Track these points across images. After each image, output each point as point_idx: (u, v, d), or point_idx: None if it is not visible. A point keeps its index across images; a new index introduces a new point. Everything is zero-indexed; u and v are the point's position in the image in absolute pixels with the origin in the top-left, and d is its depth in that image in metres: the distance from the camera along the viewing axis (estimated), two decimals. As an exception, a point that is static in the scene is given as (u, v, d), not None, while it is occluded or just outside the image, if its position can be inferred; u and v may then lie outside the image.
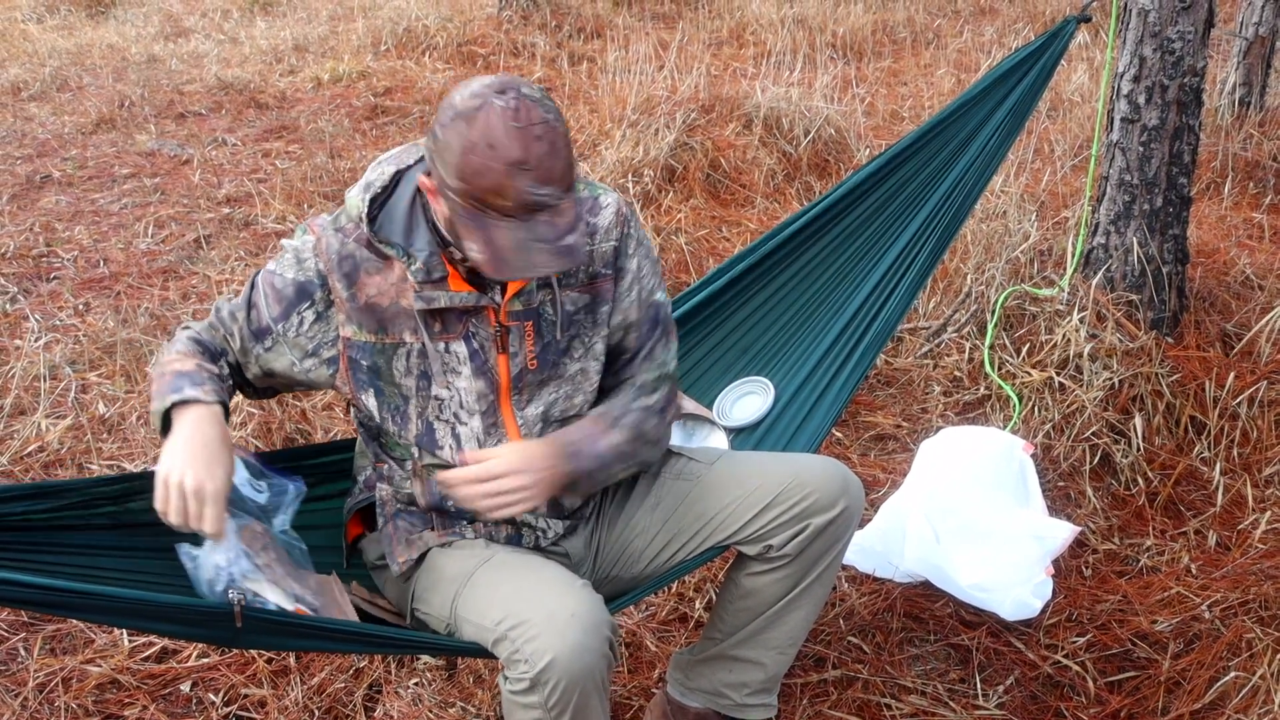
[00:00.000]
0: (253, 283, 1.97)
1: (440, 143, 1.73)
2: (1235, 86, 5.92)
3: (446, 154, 1.72)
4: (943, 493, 2.83)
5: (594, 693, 1.79)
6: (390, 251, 1.89)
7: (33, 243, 4.93)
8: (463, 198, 1.73)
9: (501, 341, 1.96)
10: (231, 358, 1.99)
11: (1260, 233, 4.78)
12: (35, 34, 8.81)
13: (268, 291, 1.94)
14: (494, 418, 1.98)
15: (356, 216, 1.90)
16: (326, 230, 1.92)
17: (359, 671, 2.61)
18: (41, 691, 2.55)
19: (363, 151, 5.98)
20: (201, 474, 1.77)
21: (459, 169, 1.71)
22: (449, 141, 1.71)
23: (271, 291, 1.94)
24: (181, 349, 1.95)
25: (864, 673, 2.63)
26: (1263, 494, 3.24)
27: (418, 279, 1.88)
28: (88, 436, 3.46)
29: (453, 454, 1.99)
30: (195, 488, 1.75)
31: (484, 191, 1.70)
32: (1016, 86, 2.82)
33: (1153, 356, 3.54)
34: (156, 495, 1.76)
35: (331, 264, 1.90)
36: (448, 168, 1.72)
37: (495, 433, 2.00)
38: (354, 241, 1.91)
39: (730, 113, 5.71)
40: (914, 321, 4.05)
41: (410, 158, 1.94)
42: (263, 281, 1.95)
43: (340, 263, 1.90)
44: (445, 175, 1.74)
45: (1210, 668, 2.60)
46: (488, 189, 1.70)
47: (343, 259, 1.90)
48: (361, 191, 1.90)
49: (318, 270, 1.91)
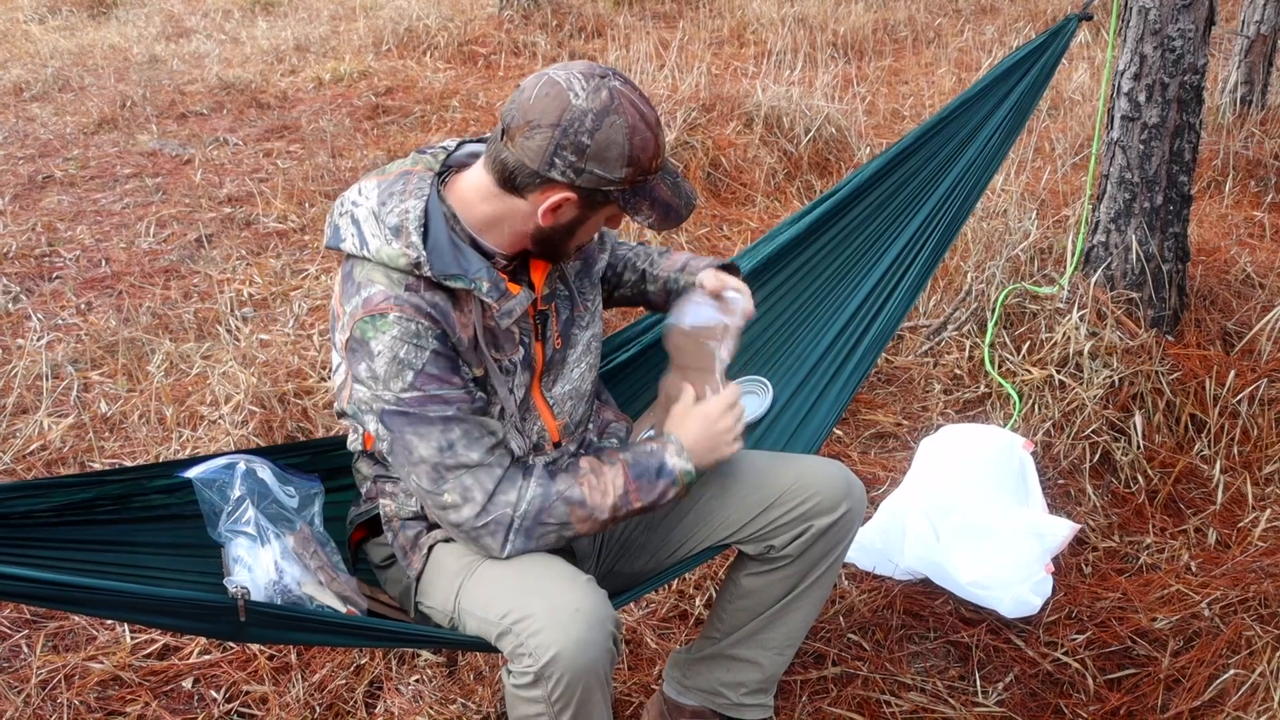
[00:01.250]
0: (416, 413, 1.80)
1: (597, 147, 1.73)
2: (1237, 85, 5.92)
3: (610, 151, 1.74)
4: (943, 491, 2.84)
5: (597, 687, 1.79)
6: (457, 284, 1.81)
7: (35, 242, 4.94)
8: (629, 181, 1.78)
9: (539, 330, 1.98)
10: (509, 446, 1.93)
11: (1261, 231, 4.79)
12: (37, 34, 8.82)
13: (437, 387, 1.81)
14: (528, 404, 1.99)
15: (409, 266, 1.79)
16: (400, 298, 1.79)
17: (360, 668, 2.62)
18: (44, 688, 2.56)
19: (364, 151, 5.99)
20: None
21: (630, 156, 1.75)
22: (610, 139, 1.73)
23: (435, 382, 1.80)
24: (583, 483, 1.91)
25: (864, 670, 2.64)
26: (1263, 492, 3.24)
27: (493, 298, 1.83)
28: (90, 435, 3.47)
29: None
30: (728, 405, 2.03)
31: (649, 160, 1.79)
32: (1018, 85, 2.82)
33: (1153, 354, 3.54)
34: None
35: (433, 316, 1.80)
36: (616, 162, 1.75)
37: (530, 418, 2.00)
38: (426, 291, 1.81)
39: (731, 111, 5.71)
40: (914, 319, 4.06)
41: (422, 188, 1.85)
42: (421, 392, 1.80)
43: (437, 312, 1.81)
44: (610, 173, 1.75)
45: (1210, 665, 2.61)
46: (651, 157, 1.79)
47: (435, 309, 1.81)
48: (394, 238, 1.79)
49: (433, 330, 1.80)
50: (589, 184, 1.76)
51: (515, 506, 1.84)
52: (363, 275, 1.82)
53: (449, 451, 1.81)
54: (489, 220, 1.85)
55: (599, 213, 1.84)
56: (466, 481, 1.82)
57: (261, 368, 3.72)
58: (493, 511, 1.84)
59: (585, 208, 1.82)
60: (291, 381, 3.66)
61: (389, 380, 1.79)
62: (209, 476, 1.96)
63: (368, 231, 1.82)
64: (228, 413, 3.47)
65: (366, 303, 1.80)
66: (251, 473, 1.99)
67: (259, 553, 1.93)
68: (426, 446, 1.81)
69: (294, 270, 4.64)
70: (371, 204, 1.83)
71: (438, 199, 1.85)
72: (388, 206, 1.82)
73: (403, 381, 1.79)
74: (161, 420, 3.53)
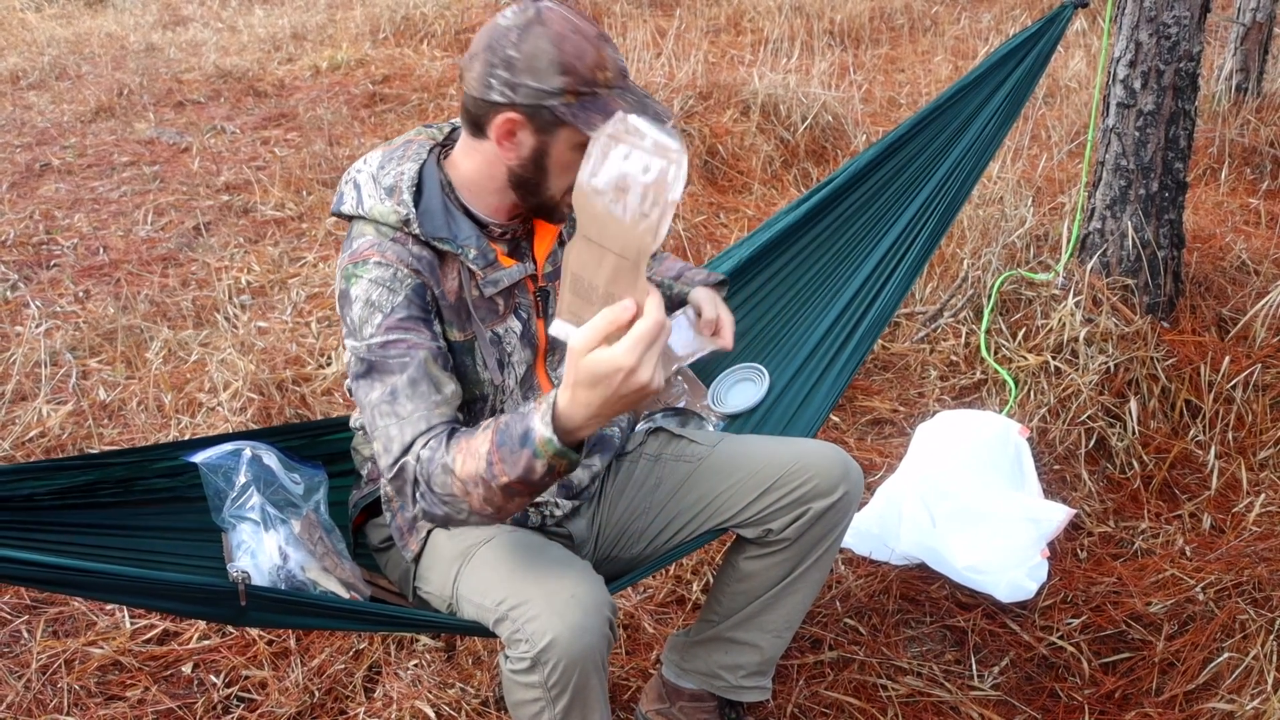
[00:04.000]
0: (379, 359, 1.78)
1: (524, 57, 1.73)
2: (1233, 72, 5.92)
3: (539, 59, 1.73)
4: (939, 476, 2.85)
5: (593, 672, 1.80)
6: (444, 246, 1.84)
7: (33, 230, 4.94)
8: (572, 92, 1.75)
9: (540, 306, 1.98)
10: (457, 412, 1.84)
11: (1256, 218, 4.80)
12: (34, 22, 8.80)
13: (403, 333, 1.78)
14: (530, 382, 2.00)
15: (399, 223, 1.82)
16: (383, 246, 1.81)
17: (359, 653, 2.63)
18: (44, 673, 2.57)
19: (361, 139, 5.99)
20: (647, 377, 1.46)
21: (560, 62, 1.73)
22: (537, 48, 1.73)
23: (403, 327, 1.79)
24: (460, 450, 1.68)
25: (860, 654, 2.65)
26: (1257, 477, 3.26)
27: (479, 266, 1.86)
28: (89, 422, 3.48)
29: None
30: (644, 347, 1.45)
31: (590, 69, 1.75)
32: (1013, 72, 2.83)
33: (1148, 341, 3.55)
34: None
35: (414, 266, 1.81)
36: (548, 70, 1.73)
37: (533, 396, 2.01)
38: (414, 245, 1.83)
39: (728, 99, 5.71)
40: (910, 306, 4.07)
41: (420, 154, 1.90)
42: (388, 337, 1.78)
43: (420, 263, 1.82)
44: (544, 83, 1.74)
45: (1204, 649, 2.62)
46: (592, 65, 1.75)
47: (419, 260, 1.82)
48: (387, 197, 1.84)
49: (411, 278, 1.80)
50: (528, 99, 1.75)
51: (420, 461, 1.72)
52: (356, 231, 1.87)
53: (389, 398, 1.76)
54: (474, 178, 1.87)
55: (556, 137, 1.79)
56: (392, 431, 1.75)
57: (260, 355, 3.73)
58: (404, 460, 1.74)
59: (539, 130, 1.79)
60: (290, 368, 3.67)
61: (361, 327, 1.79)
62: (215, 462, 1.98)
63: (365, 193, 1.86)
64: (226, 400, 3.48)
65: (353, 253, 1.83)
66: (257, 459, 2.01)
67: (263, 538, 1.94)
68: (374, 392, 1.77)
69: (292, 258, 4.64)
70: (372, 169, 1.88)
71: (435, 166, 1.89)
72: (385, 170, 1.87)
73: (372, 326, 1.78)
74: (160, 407, 3.54)
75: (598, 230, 1.50)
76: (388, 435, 1.75)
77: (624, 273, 1.48)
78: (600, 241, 1.50)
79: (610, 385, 1.45)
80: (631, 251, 1.47)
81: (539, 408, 1.57)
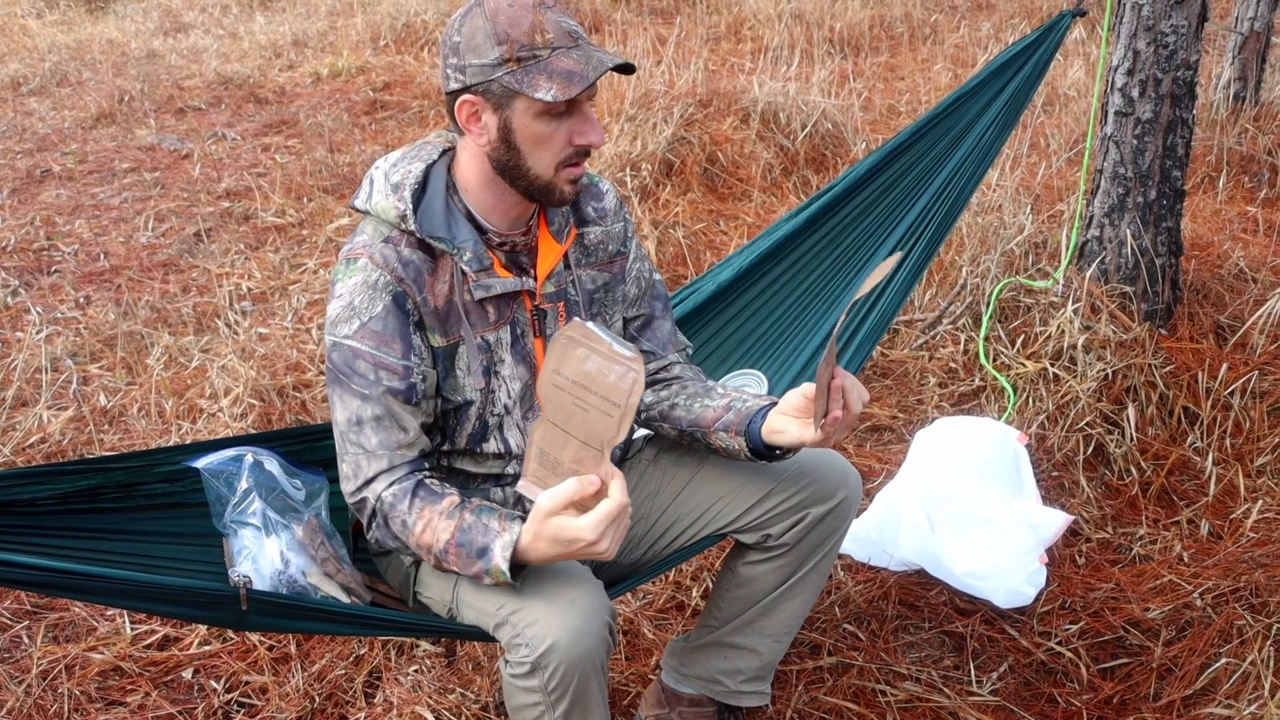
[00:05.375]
0: (347, 368, 1.84)
1: (465, 38, 1.77)
2: (1230, 81, 5.94)
3: (477, 36, 1.76)
4: (938, 482, 2.86)
5: (593, 676, 1.81)
6: (441, 246, 1.86)
7: (33, 236, 4.95)
8: (512, 60, 1.76)
9: (537, 325, 1.99)
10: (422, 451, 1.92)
11: (1254, 226, 4.81)
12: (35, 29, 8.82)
13: (374, 346, 1.83)
14: (530, 403, 2.01)
15: (397, 219, 1.85)
16: (374, 247, 1.85)
17: (359, 659, 2.63)
18: (45, 678, 2.58)
19: (361, 146, 6.00)
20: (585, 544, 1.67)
21: (495, 33, 1.76)
22: (474, 25, 1.77)
23: (375, 339, 1.83)
24: (422, 517, 1.83)
25: (859, 660, 2.66)
26: (1254, 484, 3.27)
27: (472, 269, 1.88)
28: (89, 428, 3.49)
29: (498, 447, 2.00)
30: (605, 525, 1.66)
31: (526, 35, 1.76)
32: (1012, 80, 2.85)
33: (1146, 348, 3.56)
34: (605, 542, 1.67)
35: (400, 274, 1.84)
36: (486, 45, 1.76)
37: (533, 417, 2.01)
38: (406, 248, 1.85)
39: (728, 107, 5.73)
40: (910, 313, 4.08)
41: (430, 154, 1.93)
42: (359, 345, 1.83)
43: (406, 270, 1.84)
44: (485, 57, 1.77)
45: (1202, 654, 2.63)
46: (528, 30, 1.76)
47: (405, 266, 1.84)
48: (391, 193, 1.87)
49: (393, 287, 1.84)
50: (476, 78, 1.78)
51: (381, 500, 1.87)
52: (360, 227, 1.92)
53: (355, 427, 1.86)
54: (470, 177, 1.90)
55: (513, 109, 1.80)
56: (360, 461, 1.87)
57: (260, 361, 3.74)
58: (365, 494, 1.88)
59: (496, 107, 1.80)
60: (290, 374, 3.68)
61: (337, 323, 1.85)
62: (217, 468, 1.99)
63: (375, 188, 1.90)
64: (227, 405, 3.49)
65: (350, 249, 1.88)
66: (259, 465, 2.02)
67: (264, 543, 1.95)
68: (342, 412, 1.87)
69: (292, 264, 4.66)
70: (387, 166, 1.92)
71: (444, 169, 1.92)
72: (397, 167, 1.91)
73: (348, 328, 1.84)
74: (161, 413, 3.55)
75: (564, 418, 1.68)
76: (355, 463, 1.88)
77: (589, 457, 1.66)
78: (565, 428, 1.68)
79: (570, 548, 1.68)
80: (595, 441, 1.65)
81: (503, 535, 1.75)
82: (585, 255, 2.05)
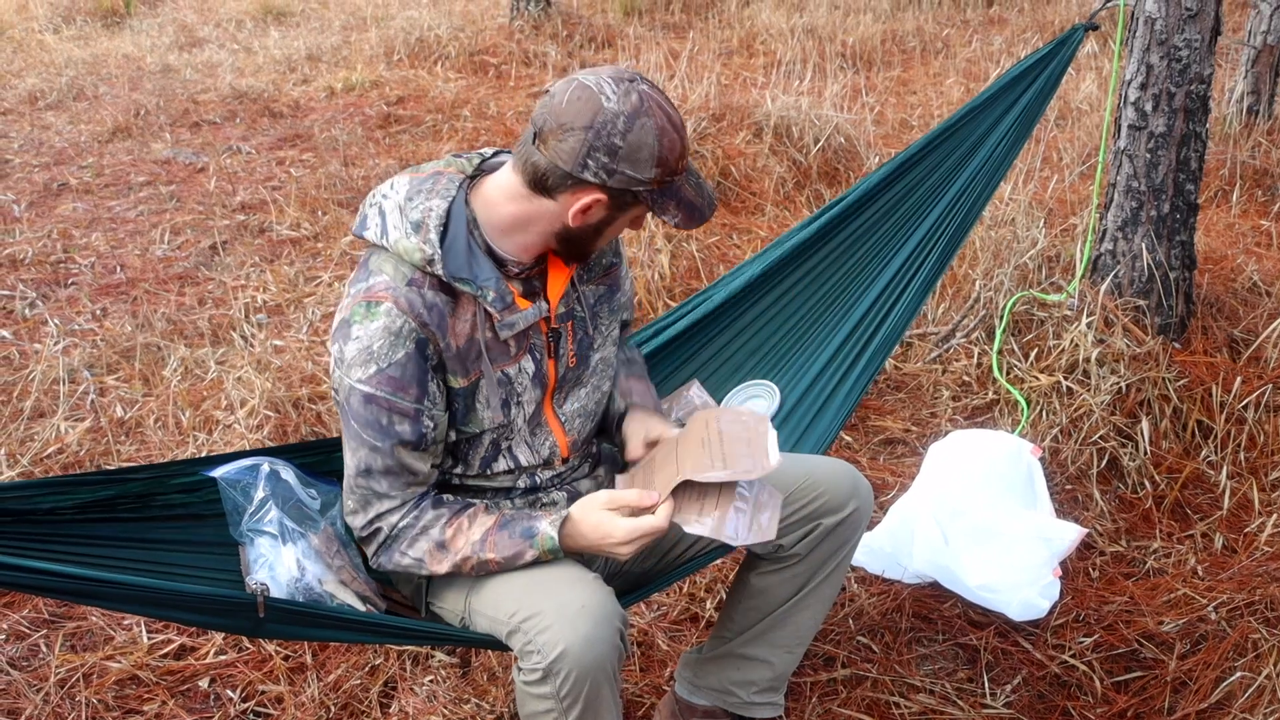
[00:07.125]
0: (359, 415, 1.86)
1: (629, 148, 1.75)
2: (1244, 95, 5.94)
3: (641, 152, 1.76)
4: (951, 495, 2.86)
5: (605, 683, 1.82)
6: (464, 288, 1.86)
7: (51, 249, 4.99)
8: (658, 182, 1.81)
9: (552, 347, 2.00)
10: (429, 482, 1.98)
11: (1268, 240, 4.80)
12: (52, 44, 8.89)
13: (390, 392, 1.84)
14: (539, 419, 2.02)
15: (423, 261, 1.82)
16: (399, 291, 1.82)
17: (374, 669, 2.64)
18: (63, 687, 2.59)
19: (375, 160, 6.04)
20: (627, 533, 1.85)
21: (659, 156, 1.78)
22: (640, 140, 1.76)
23: (392, 385, 1.83)
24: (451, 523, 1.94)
25: (873, 672, 2.66)
26: (1269, 497, 3.26)
27: (496, 309, 1.87)
28: (106, 438, 3.51)
29: (508, 464, 2.02)
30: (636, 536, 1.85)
31: (675, 161, 1.81)
32: (1025, 93, 2.85)
33: (1160, 361, 3.56)
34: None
35: (424, 319, 1.83)
36: (646, 162, 1.77)
37: (541, 433, 2.03)
38: (430, 290, 1.84)
39: (740, 121, 5.75)
40: (923, 327, 4.08)
41: (449, 189, 1.89)
42: (375, 391, 1.83)
43: (430, 314, 1.84)
44: (640, 173, 1.78)
45: (1216, 668, 2.62)
46: (678, 158, 1.82)
47: (430, 310, 1.84)
48: (413, 233, 1.83)
49: (417, 334, 1.83)
50: (620, 184, 1.78)
51: (393, 528, 1.93)
52: (375, 264, 1.87)
53: (365, 474, 1.90)
54: (512, 221, 1.86)
55: (627, 213, 1.87)
56: (371, 501, 1.92)
57: (276, 373, 3.76)
58: (376, 526, 1.94)
59: (615, 208, 1.84)
60: (306, 386, 3.70)
61: (353, 365, 1.83)
62: (233, 477, 2.00)
63: (390, 223, 1.86)
64: (243, 417, 3.50)
65: (369, 290, 1.84)
66: (275, 475, 2.03)
67: (281, 551, 1.96)
68: (353, 456, 1.90)
69: (307, 277, 4.68)
70: (399, 198, 1.87)
71: (463, 203, 1.88)
72: (414, 202, 1.86)
73: (363, 371, 1.82)
74: (177, 424, 3.57)
75: (688, 447, 1.92)
76: (365, 502, 1.93)
77: (671, 478, 1.85)
78: (678, 451, 1.93)
79: (601, 542, 1.86)
80: (685, 468, 1.85)
81: (549, 516, 1.92)
82: (587, 271, 2.06)
